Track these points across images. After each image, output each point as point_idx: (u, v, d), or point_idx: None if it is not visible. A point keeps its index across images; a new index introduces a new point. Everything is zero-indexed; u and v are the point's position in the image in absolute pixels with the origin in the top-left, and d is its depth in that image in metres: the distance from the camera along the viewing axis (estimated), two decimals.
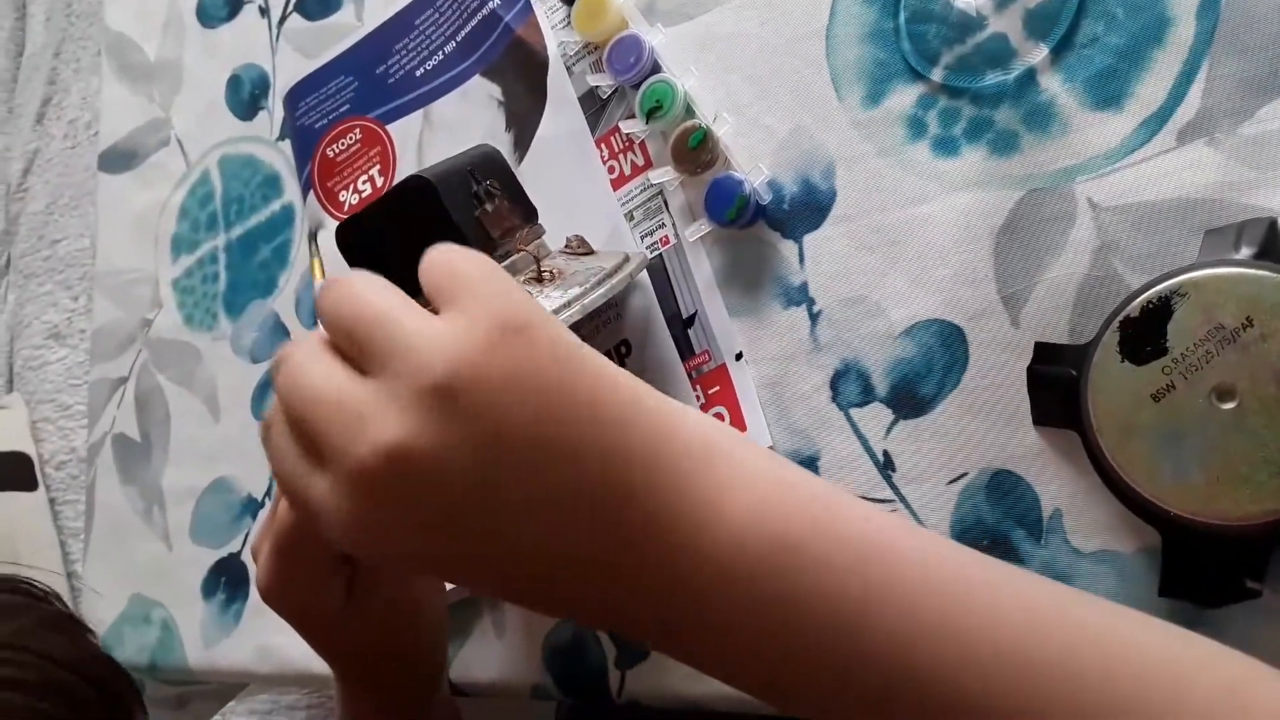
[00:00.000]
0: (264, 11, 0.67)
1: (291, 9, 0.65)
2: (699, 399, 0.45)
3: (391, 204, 0.41)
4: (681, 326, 0.46)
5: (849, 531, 0.29)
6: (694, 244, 0.45)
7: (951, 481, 0.39)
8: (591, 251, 0.43)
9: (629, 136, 0.48)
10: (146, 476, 0.69)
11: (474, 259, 0.30)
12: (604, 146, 0.49)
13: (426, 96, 0.57)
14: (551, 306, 0.38)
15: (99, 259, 0.75)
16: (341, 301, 0.29)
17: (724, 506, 0.28)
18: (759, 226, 0.44)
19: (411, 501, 0.27)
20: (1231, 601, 0.32)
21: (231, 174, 0.68)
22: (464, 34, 0.54)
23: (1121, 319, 0.34)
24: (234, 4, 0.69)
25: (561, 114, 0.50)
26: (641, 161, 0.48)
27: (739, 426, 0.43)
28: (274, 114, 0.66)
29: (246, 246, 0.66)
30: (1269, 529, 0.31)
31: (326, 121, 0.61)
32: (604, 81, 0.48)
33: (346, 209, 0.59)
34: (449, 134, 0.56)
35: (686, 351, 0.45)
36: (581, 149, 0.49)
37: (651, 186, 0.47)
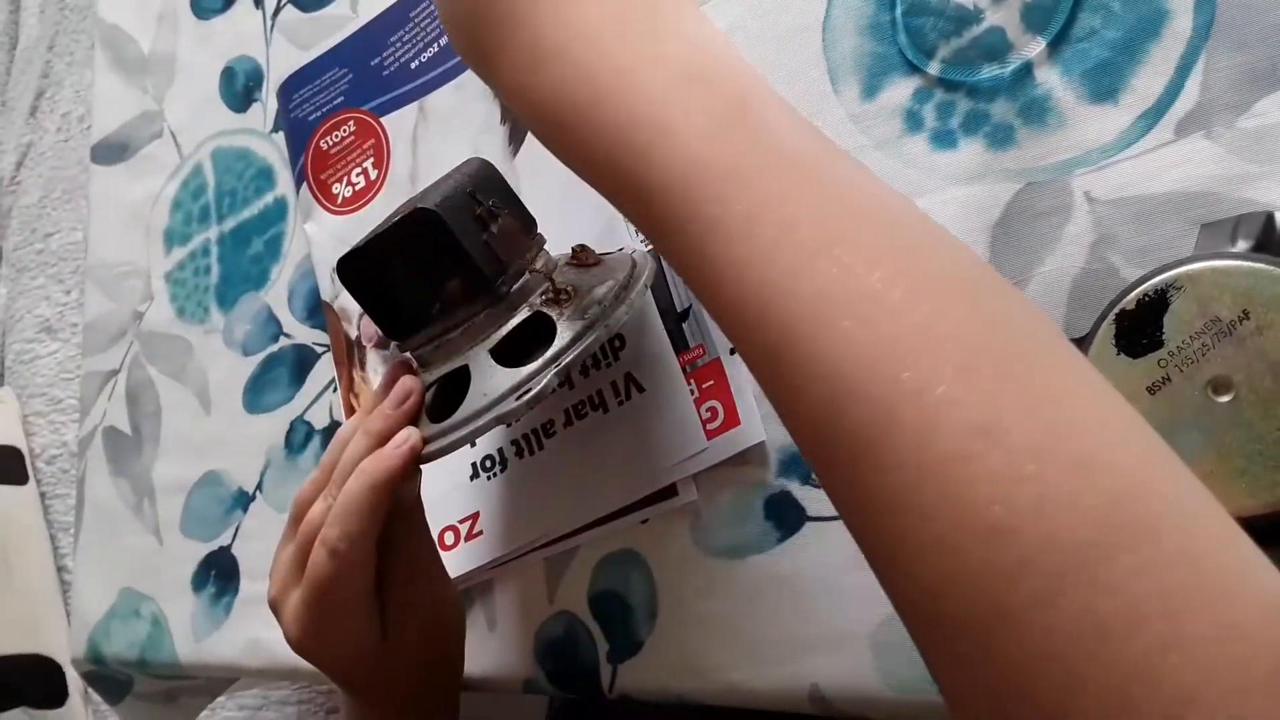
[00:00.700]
0: (258, 3, 0.67)
1: (286, 1, 0.65)
2: (693, 393, 0.44)
3: (397, 237, 0.40)
4: (676, 321, 0.45)
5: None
6: None
7: None
8: (599, 261, 0.42)
9: None
10: (137, 470, 0.68)
11: None
12: None
13: (421, 89, 0.56)
14: (574, 332, 0.38)
15: (91, 251, 0.74)
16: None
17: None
18: None
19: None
20: None
21: (224, 166, 0.67)
22: None
23: (1117, 312, 0.33)
24: None
25: None
26: None
27: (733, 422, 0.43)
28: (268, 106, 0.65)
29: (239, 239, 0.66)
30: (1266, 521, 0.31)
31: (320, 114, 0.60)
32: None
33: (339, 202, 0.59)
34: (444, 126, 0.55)
35: (681, 346, 0.45)
36: None
37: None
